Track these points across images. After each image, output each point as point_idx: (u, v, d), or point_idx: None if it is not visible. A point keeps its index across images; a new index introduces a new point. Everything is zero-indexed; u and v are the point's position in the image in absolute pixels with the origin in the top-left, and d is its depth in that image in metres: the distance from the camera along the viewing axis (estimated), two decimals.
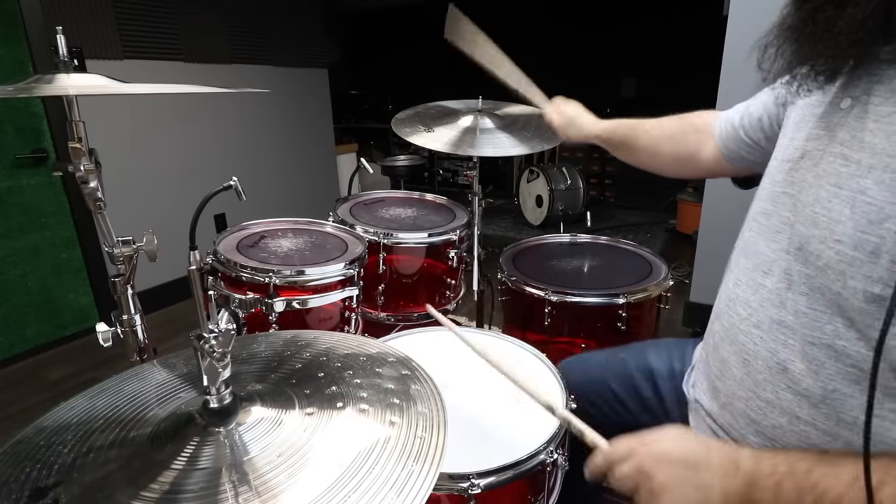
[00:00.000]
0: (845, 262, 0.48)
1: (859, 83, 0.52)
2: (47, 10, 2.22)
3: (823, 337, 0.52)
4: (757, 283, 0.61)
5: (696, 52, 3.27)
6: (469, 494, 0.69)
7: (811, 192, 0.54)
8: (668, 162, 0.98)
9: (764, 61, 0.57)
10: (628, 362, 0.93)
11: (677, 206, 4.04)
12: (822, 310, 0.52)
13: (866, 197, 0.47)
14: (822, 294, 0.52)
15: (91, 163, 0.76)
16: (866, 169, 0.48)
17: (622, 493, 0.57)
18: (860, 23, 0.46)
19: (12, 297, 2.27)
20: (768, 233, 0.61)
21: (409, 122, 1.51)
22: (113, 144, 2.53)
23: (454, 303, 1.67)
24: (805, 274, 0.54)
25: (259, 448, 0.50)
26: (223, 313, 0.54)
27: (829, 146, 0.54)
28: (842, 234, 0.49)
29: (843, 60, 0.50)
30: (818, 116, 0.57)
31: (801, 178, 0.56)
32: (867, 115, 0.50)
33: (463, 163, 5.63)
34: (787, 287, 0.57)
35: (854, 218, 0.48)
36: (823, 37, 0.49)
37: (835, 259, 0.49)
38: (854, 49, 0.48)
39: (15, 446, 0.52)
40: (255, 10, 3.21)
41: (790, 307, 0.56)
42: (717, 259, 0.77)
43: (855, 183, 0.49)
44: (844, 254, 0.48)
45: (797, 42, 0.52)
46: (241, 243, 1.34)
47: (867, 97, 0.50)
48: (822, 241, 0.51)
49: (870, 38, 0.47)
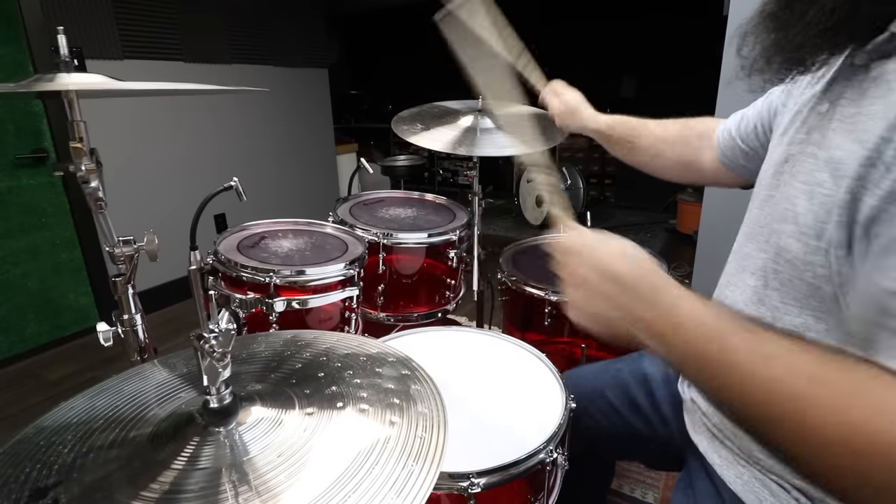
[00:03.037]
0: (811, 253, 0.50)
1: (836, 88, 0.54)
2: (47, 10, 2.22)
3: (795, 331, 0.54)
4: (744, 284, 0.63)
5: (696, 52, 3.28)
6: (469, 494, 0.69)
7: (784, 189, 0.56)
8: (672, 165, 0.97)
9: (743, 48, 0.57)
10: (623, 371, 0.94)
11: (677, 206, 4.05)
12: (793, 304, 0.55)
13: (822, 188, 0.49)
14: (792, 287, 0.54)
15: (92, 163, 0.76)
16: (823, 163, 0.50)
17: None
18: (830, 12, 0.46)
19: (12, 297, 2.27)
20: (754, 235, 0.63)
21: (409, 121, 1.51)
22: (113, 144, 2.54)
23: (454, 303, 1.67)
24: (776, 269, 0.56)
25: (259, 448, 0.50)
26: (223, 313, 0.54)
27: (804, 147, 0.55)
28: (805, 226, 0.51)
29: (814, 50, 0.50)
30: (801, 121, 0.59)
31: (783, 180, 0.58)
32: (834, 116, 0.52)
33: (463, 163, 5.63)
34: (764, 284, 0.59)
35: (813, 209, 0.50)
36: (797, 25, 0.50)
37: (802, 251, 0.51)
38: (823, 39, 0.48)
39: (15, 446, 0.52)
40: (255, 10, 3.21)
41: (767, 303, 0.58)
42: (717, 259, 0.77)
43: (813, 177, 0.51)
44: (809, 244, 0.50)
45: (774, 30, 0.53)
46: (241, 243, 1.35)
47: (839, 100, 0.52)
48: (791, 235, 0.53)
49: (839, 28, 0.47)
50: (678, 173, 0.98)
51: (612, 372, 0.95)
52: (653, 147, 0.99)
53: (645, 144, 1.00)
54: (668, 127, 0.98)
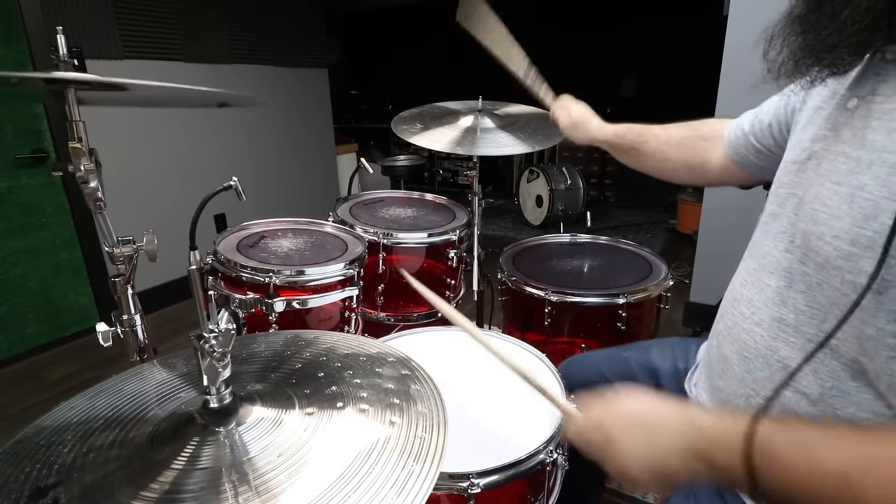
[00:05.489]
0: (842, 258, 0.49)
1: (866, 83, 0.52)
2: (47, 10, 2.22)
3: (819, 335, 0.53)
4: (763, 283, 0.62)
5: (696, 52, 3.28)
6: (469, 494, 0.69)
7: (813, 190, 0.54)
8: (677, 168, 0.97)
9: (770, 52, 0.56)
10: (631, 360, 0.94)
11: (677, 206, 4.04)
12: (820, 307, 0.53)
13: (864, 193, 0.48)
14: (820, 291, 0.53)
15: (91, 163, 0.76)
16: (866, 165, 0.48)
17: (594, 460, 0.57)
18: (865, 11, 0.45)
19: (12, 297, 2.27)
20: (774, 234, 0.61)
21: (409, 121, 1.51)
22: (113, 144, 2.53)
23: (454, 303, 1.67)
24: (804, 272, 0.55)
25: (259, 448, 0.50)
26: (223, 313, 0.54)
27: (833, 146, 0.54)
28: (840, 230, 0.49)
29: (848, 51, 0.49)
30: (824, 118, 0.57)
31: (807, 178, 0.57)
32: (870, 114, 0.50)
33: (463, 163, 5.63)
34: (788, 285, 0.57)
35: (851, 213, 0.48)
36: (829, 26, 0.48)
37: (833, 255, 0.50)
38: (859, 39, 0.47)
39: (15, 446, 0.52)
40: (255, 11, 3.20)
41: (790, 305, 0.57)
42: (717, 259, 0.77)
43: (854, 179, 0.49)
44: (842, 249, 0.49)
45: (803, 32, 0.52)
46: (241, 243, 1.35)
47: (872, 96, 0.51)
48: (820, 237, 0.52)
49: (875, 27, 0.46)
50: (684, 175, 0.98)
51: (619, 360, 0.95)
52: (659, 152, 0.99)
53: (651, 150, 1.00)
54: (672, 131, 0.98)
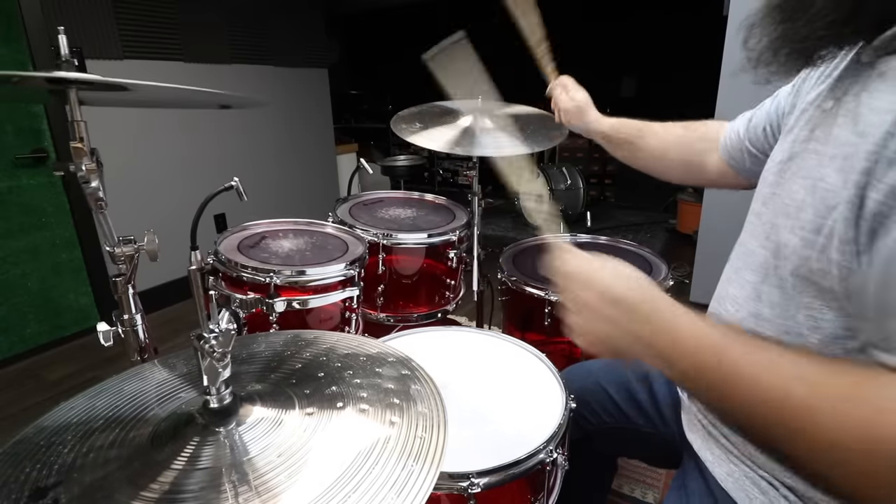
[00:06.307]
0: (808, 247, 0.50)
1: (843, 86, 0.54)
2: (47, 10, 2.22)
3: (794, 326, 0.54)
4: (743, 280, 0.64)
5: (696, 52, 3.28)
6: (469, 494, 0.69)
7: (786, 186, 0.56)
8: (676, 166, 0.98)
9: (749, 40, 0.57)
10: (625, 367, 0.94)
11: (677, 206, 4.04)
12: (791, 300, 0.54)
13: (824, 183, 0.49)
14: (791, 284, 0.54)
15: (93, 163, 0.76)
16: (828, 159, 0.50)
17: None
18: (835, 4, 0.46)
19: (12, 297, 2.27)
20: (757, 232, 0.63)
21: (409, 121, 1.51)
22: (114, 144, 2.54)
23: (454, 303, 1.67)
24: (776, 265, 0.56)
25: (259, 448, 0.50)
26: (224, 313, 0.54)
27: (807, 144, 0.55)
28: (805, 221, 0.51)
29: (820, 43, 0.50)
30: (806, 120, 0.59)
31: (787, 177, 0.58)
32: (839, 113, 0.51)
33: (463, 163, 5.63)
34: (762, 280, 0.59)
35: (814, 204, 0.50)
36: (802, 17, 0.49)
37: (800, 245, 0.51)
38: (829, 31, 0.48)
39: (15, 446, 0.52)
40: (255, 11, 3.21)
41: (765, 300, 0.58)
42: (717, 259, 0.77)
43: (817, 172, 0.51)
44: (807, 239, 0.50)
45: (781, 22, 0.53)
46: (242, 243, 1.35)
47: (844, 97, 0.52)
48: (790, 230, 0.53)
49: (844, 21, 0.47)
50: (681, 175, 0.98)
51: (615, 367, 0.96)
52: (655, 149, 0.99)
53: (647, 147, 1.00)
54: (670, 129, 0.98)
